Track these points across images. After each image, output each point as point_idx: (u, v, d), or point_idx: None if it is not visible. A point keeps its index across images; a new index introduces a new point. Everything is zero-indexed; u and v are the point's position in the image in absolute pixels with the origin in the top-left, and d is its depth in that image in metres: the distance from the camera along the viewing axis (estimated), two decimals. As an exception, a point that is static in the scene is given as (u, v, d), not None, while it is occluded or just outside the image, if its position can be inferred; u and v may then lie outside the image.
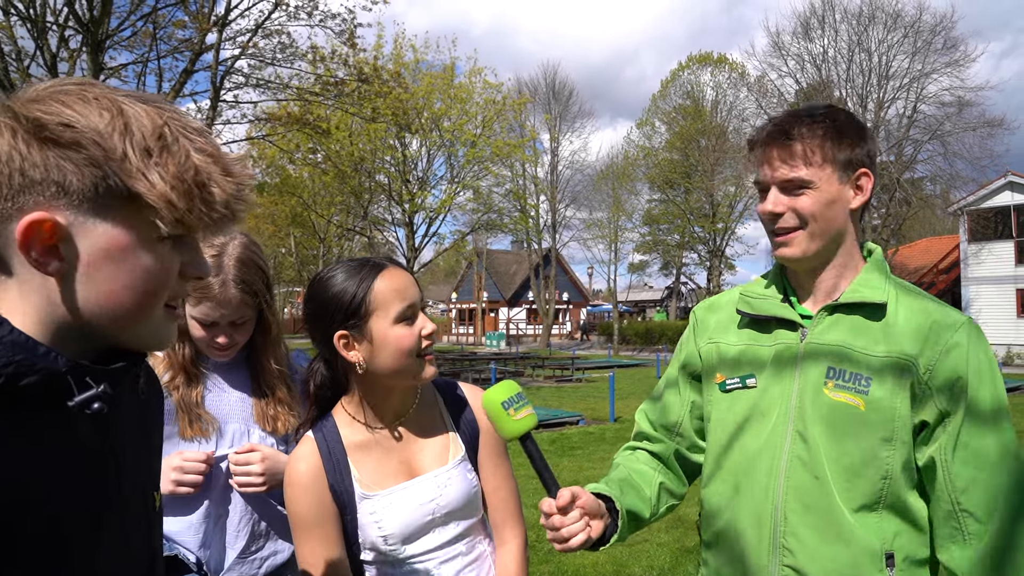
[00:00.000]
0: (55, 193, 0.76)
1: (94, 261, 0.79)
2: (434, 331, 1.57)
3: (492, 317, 54.45)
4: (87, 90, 0.80)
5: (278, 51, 14.96)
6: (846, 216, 1.46)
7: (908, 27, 29.62)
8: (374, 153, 26.74)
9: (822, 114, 1.45)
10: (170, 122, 0.81)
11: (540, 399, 16.11)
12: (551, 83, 43.28)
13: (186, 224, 0.82)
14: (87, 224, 0.78)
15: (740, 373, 1.54)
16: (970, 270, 28.69)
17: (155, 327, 0.87)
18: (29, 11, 12.28)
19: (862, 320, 1.44)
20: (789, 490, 1.43)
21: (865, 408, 1.38)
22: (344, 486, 1.54)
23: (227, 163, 0.85)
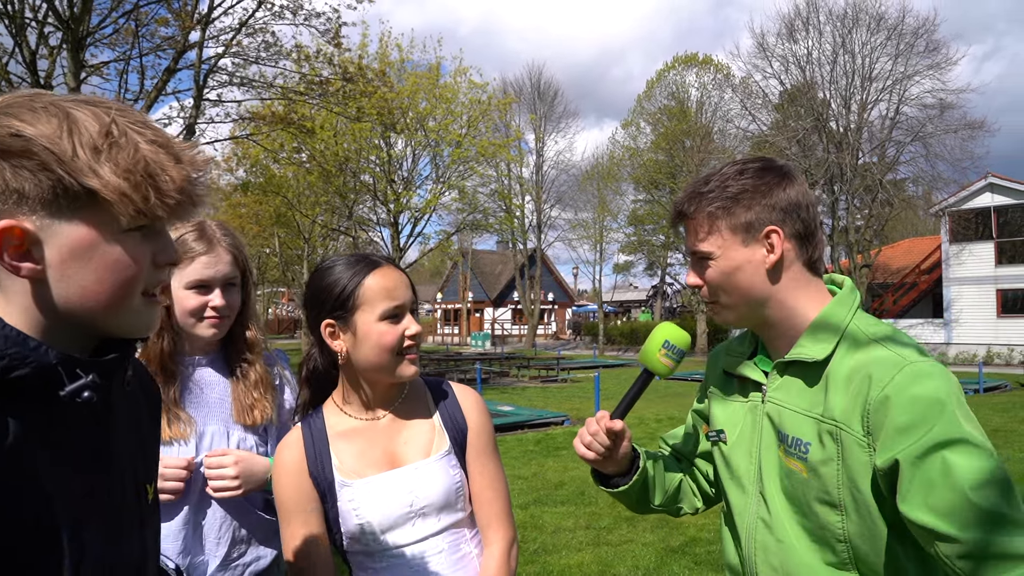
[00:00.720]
0: (17, 201, 0.81)
1: (65, 260, 0.84)
2: (418, 332, 1.61)
3: (477, 317, 54.40)
4: (35, 100, 0.84)
5: (262, 50, 14.86)
6: (762, 278, 1.42)
7: (891, 30, 29.88)
8: (359, 153, 26.62)
9: (714, 183, 1.44)
10: (117, 119, 0.85)
11: (525, 399, 16.11)
12: (536, 83, 43.35)
13: (145, 213, 0.85)
14: (53, 226, 0.83)
15: (717, 427, 1.59)
16: (952, 271, 29.01)
17: (135, 315, 0.91)
18: (7, 7, 12.11)
19: (804, 380, 1.39)
20: (757, 550, 1.46)
21: (807, 475, 1.35)
22: (324, 473, 1.58)
23: (177, 151, 0.88)
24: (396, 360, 1.58)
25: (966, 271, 28.63)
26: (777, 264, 1.42)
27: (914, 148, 30.13)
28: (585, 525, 6.30)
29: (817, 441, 1.34)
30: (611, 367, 26.11)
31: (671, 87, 42.55)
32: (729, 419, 1.56)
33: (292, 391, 2.08)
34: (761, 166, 1.45)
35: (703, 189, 1.45)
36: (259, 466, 1.85)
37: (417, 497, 1.57)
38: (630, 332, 40.83)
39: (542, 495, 7.39)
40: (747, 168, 1.45)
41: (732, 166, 1.47)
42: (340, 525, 1.57)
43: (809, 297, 1.44)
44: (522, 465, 9.01)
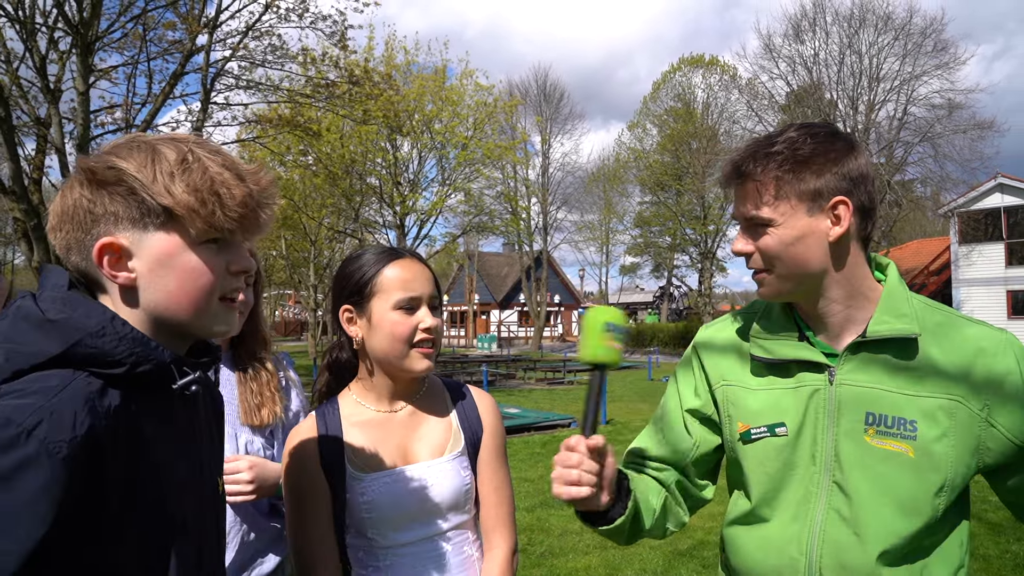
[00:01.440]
0: (114, 221, 1.00)
1: (152, 269, 1.02)
2: (434, 326, 1.59)
3: (483, 319, 54.41)
4: (133, 141, 1.04)
5: (269, 53, 14.88)
6: (823, 251, 1.33)
7: (898, 30, 29.79)
8: (365, 155, 26.66)
9: (783, 143, 1.33)
10: (192, 148, 1.03)
11: (532, 401, 16.09)
12: (542, 85, 43.38)
13: (214, 226, 1.02)
14: (141, 239, 1.01)
15: (766, 422, 1.41)
16: (961, 272, 28.86)
17: (214, 317, 1.06)
18: (17, 12, 12.18)
19: (895, 357, 1.32)
20: (825, 546, 1.32)
21: (915, 455, 1.27)
22: (336, 465, 1.57)
23: (241, 171, 1.05)
24: (407, 351, 1.57)
25: (976, 272, 28.48)
26: (842, 238, 1.33)
27: (922, 149, 30.05)
28: (592, 528, 6.30)
29: (926, 418, 1.28)
30: (618, 369, 26.06)
31: (677, 89, 42.55)
32: (780, 409, 1.40)
33: (298, 394, 2.08)
34: (830, 131, 1.36)
35: (770, 149, 1.33)
36: (272, 472, 1.85)
37: (428, 495, 1.56)
38: (636, 334, 40.74)
39: (548, 498, 7.37)
40: (817, 132, 1.34)
41: (798, 129, 1.35)
42: (347, 517, 1.56)
43: (866, 275, 1.38)
44: (528, 467, 8.99)
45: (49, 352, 0.93)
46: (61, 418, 0.87)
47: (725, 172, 1.41)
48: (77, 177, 1.02)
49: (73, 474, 0.86)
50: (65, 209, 1.02)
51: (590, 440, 1.25)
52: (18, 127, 12.60)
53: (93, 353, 0.94)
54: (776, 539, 1.39)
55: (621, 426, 12.29)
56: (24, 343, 0.93)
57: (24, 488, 0.83)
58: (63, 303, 0.97)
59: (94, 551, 0.91)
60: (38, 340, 0.93)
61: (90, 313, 0.97)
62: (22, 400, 0.86)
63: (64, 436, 0.86)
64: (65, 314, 0.95)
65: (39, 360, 0.92)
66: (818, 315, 1.40)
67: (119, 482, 0.93)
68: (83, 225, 1.01)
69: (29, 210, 11.59)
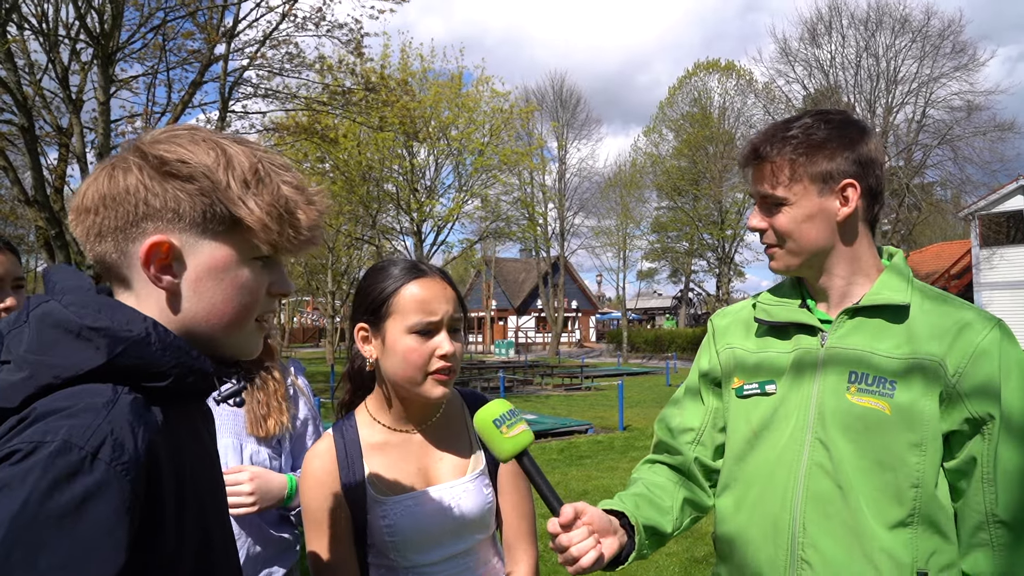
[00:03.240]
0: (171, 219, 0.90)
1: (200, 277, 0.93)
2: (451, 353, 1.49)
3: (501, 325, 54.39)
4: (195, 133, 0.95)
5: (286, 61, 15.03)
6: (831, 229, 1.43)
7: (916, 32, 29.53)
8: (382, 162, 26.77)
9: (798, 127, 1.43)
10: (263, 159, 0.96)
11: (549, 407, 16.05)
12: (558, 91, 43.42)
13: (276, 246, 0.95)
14: (196, 245, 0.92)
15: (759, 379, 1.50)
16: (982, 275, 28.47)
17: (247, 337, 1.00)
18: (41, 25, 12.39)
19: (884, 323, 1.41)
20: (808, 499, 1.38)
21: (891, 412, 1.34)
22: (356, 487, 1.51)
23: (310, 194, 0.99)
24: (422, 379, 1.48)
25: (998, 276, 28.08)
26: (848, 218, 1.43)
27: (941, 151, 29.73)
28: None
29: (905, 378, 1.34)
30: (635, 375, 25.95)
31: (693, 93, 42.42)
32: (772, 368, 1.50)
33: (306, 402, 2.07)
34: (844, 118, 1.46)
35: (786, 133, 1.43)
36: (275, 483, 1.83)
37: (451, 516, 1.53)
38: (654, 340, 40.56)
39: (565, 504, 7.36)
40: (830, 118, 1.44)
41: (813, 115, 1.45)
42: (368, 539, 1.52)
43: (872, 254, 1.48)
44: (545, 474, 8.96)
45: (90, 364, 0.83)
46: (123, 436, 0.79)
47: (744, 153, 1.50)
48: (137, 161, 0.91)
49: (138, 497, 0.79)
50: (113, 192, 0.90)
51: (560, 517, 1.26)
52: (41, 137, 12.80)
53: (137, 364, 0.86)
54: (762, 496, 1.45)
55: (639, 432, 12.23)
56: (56, 354, 0.83)
57: (97, 517, 0.74)
58: (98, 308, 0.87)
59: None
60: (75, 350, 0.84)
61: (131, 320, 0.87)
62: (74, 420, 0.77)
63: (129, 456, 0.79)
64: (106, 321, 0.86)
65: (75, 373, 0.83)
66: (820, 288, 1.50)
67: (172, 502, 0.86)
68: (131, 214, 0.89)
69: (51, 219, 11.75)
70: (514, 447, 1.30)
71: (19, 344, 0.85)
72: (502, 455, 1.31)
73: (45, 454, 0.73)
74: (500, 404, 1.35)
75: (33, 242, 19.74)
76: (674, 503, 1.56)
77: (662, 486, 1.59)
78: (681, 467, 1.63)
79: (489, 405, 1.35)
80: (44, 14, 12.47)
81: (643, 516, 1.47)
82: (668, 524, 1.52)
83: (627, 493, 1.55)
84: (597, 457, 10.11)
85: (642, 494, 1.55)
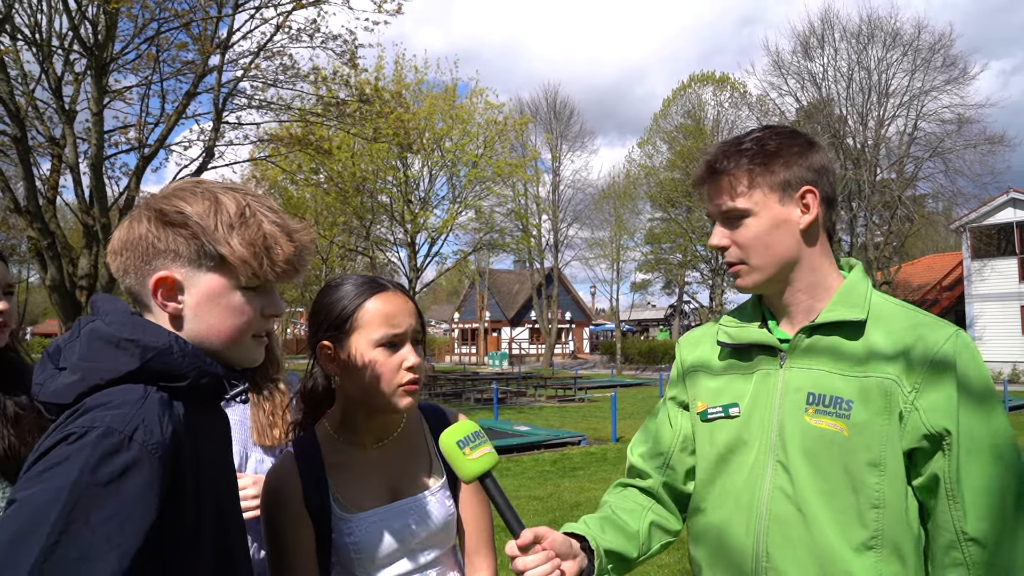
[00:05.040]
0: (173, 257, 1.12)
1: (199, 303, 1.14)
2: (417, 365, 1.51)
3: (494, 337, 54.36)
4: (197, 186, 1.16)
5: (280, 72, 15.03)
6: (795, 238, 1.42)
7: (907, 45, 29.82)
8: (376, 173, 26.83)
9: (751, 141, 1.43)
10: (251, 203, 1.15)
11: (542, 419, 16.03)
12: (552, 103, 43.60)
13: (259, 277, 1.14)
14: (194, 277, 1.13)
15: (722, 402, 1.49)
16: (974, 287, 28.63)
17: (246, 350, 1.19)
18: (35, 36, 12.39)
19: (841, 340, 1.38)
20: (771, 523, 1.37)
21: (848, 433, 1.32)
22: (321, 506, 1.50)
23: (290, 230, 1.17)
24: (390, 391, 1.49)
25: (989, 288, 28.23)
26: (811, 226, 1.42)
27: (933, 164, 29.97)
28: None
29: (862, 398, 1.32)
30: (629, 386, 25.95)
31: (687, 106, 42.62)
32: (736, 391, 1.48)
33: None
34: (792, 130, 1.48)
35: (740, 147, 1.43)
36: None
37: (416, 531, 1.54)
38: (648, 351, 40.58)
39: (558, 516, 7.33)
40: (780, 131, 1.46)
41: (761, 130, 1.47)
42: (332, 556, 1.52)
43: (832, 265, 1.48)
44: (538, 485, 8.94)
45: (126, 368, 1.05)
46: (152, 424, 1.01)
47: (698, 173, 1.49)
48: (146, 213, 1.14)
49: (165, 471, 1.00)
50: (130, 239, 1.13)
51: (519, 540, 1.27)
52: (34, 147, 12.78)
53: (163, 368, 1.07)
54: (725, 520, 1.45)
55: (632, 443, 12.21)
56: (101, 361, 1.06)
57: (133, 487, 0.96)
58: (132, 325, 1.10)
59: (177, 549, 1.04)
60: (115, 358, 1.06)
61: (158, 334, 1.09)
62: (115, 411, 0.99)
63: (157, 439, 1.00)
64: (138, 334, 1.08)
65: (115, 376, 1.05)
66: (783, 305, 1.48)
67: (192, 480, 1.07)
68: (144, 256, 1.12)
69: (43, 229, 11.72)
70: (478, 469, 1.31)
71: (73, 354, 1.08)
72: (465, 477, 1.33)
73: (94, 436, 0.96)
74: (465, 426, 1.35)
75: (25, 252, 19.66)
76: (640, 527, 1.54)
77: (630, 510, 1.57)
78: (651, 491, 1.62)
79: (455, 427, 1.35)
80: (37, 24, 12.48)
81: (607, 540, 1.45)
82: (633, 549, 1.50)
83: (593, 517, 1.53)
84: (590, 469, 10.09)
85: (608, 517, 1.53)
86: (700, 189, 1.50)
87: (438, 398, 20.59)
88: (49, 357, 1.11)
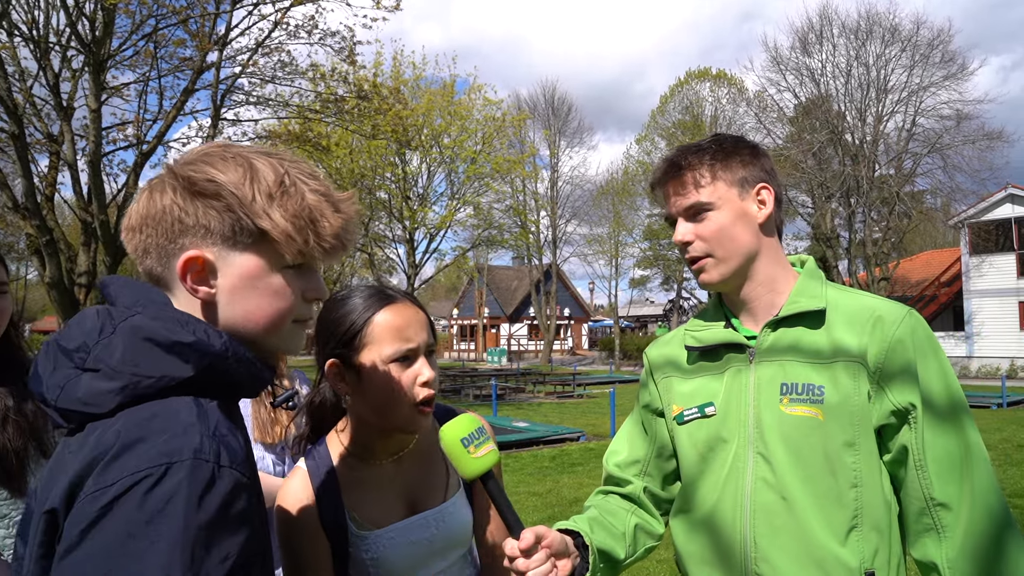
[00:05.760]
0: (203, 234, 0.97)
1: (235, 286, 0.99)
2: (432, 379, 1.44)
3: (493, 333, 54.38)
4: (227, 151, 1.01)
5: (278, 69, 15.02)
6: (755, 232, 1.49)
7: (905, 41, 29.80)
8: (374, 170, 26.82)
9: (709, 142, 1.52)
10: (289, 170, 1.00)
11: (541, 415, 16.05)
12: (550, 99, 43.51)
13: (305, 254, 1.00)
14: (228, 257, 0.98)
15: (697, 403, 1.53)
16: (972, 283, 28.66)
17: (287, 336, 1.05)
18: (32, 32, 12.35)
19: (805, 330, 1.45)
20: (756, 513, 1.41)
21: (824, 417, 1.38)
22: (338, 524, 1.45)
23: (336, 201, 1.03)
24: (405, 410, 1.42)
25: (987, 283, 28.27)
26: (768, 220, 1.50)
27: (931, 160, 29.97)
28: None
29: (832, 382, 1.39)
30: (627, 382, 25.96)
31: (685, 102, 42.60)
32: (709, 391, 1.53)
33: None
34: (740, 137, 1.57)
35: (700, 147, 1.51)
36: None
37: (434, 542, 1.50)
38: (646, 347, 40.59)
39: (557, 512, 7.35)
40: (732, 137, 1.56)
41: (716, 136, 1.56)
42: (350, 571, 1.47)
43: (786, 261, 1.55)
44: (537, 481, 8.96)
45: (181, 376, 0.91)
46: (228, 441, 0.89)
47: (660, 172, 1.55)
48: (171, 182, 0.98)
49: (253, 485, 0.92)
50: (152, 212, 0.98)
51: (521, 543, 1.25)
52: (32, 144, 12.76)
53: (219, 377, 0.94)
54: (711, 515, 1.48)
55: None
56: (149, 366, 0.90)
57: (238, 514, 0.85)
58: (183, 323, 0.93)
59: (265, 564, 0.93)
60: (166, 363, 0.91)
61: (211, 335, 0.94)
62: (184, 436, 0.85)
63: (240, 457, 0.89)
64: (196, 336, 0.92)
65: (167, 384, 0.90)
66: (744, 301, 1.53)
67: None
68: (169, 232, 0.97)
69: (42, 226, 11.70)
70: (481, 468, 1.27)
71: (109, 355, 0.90)
72: (467, 475, 1.27)
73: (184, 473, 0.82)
74: (469, 421, 1.30)
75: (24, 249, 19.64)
76: (626, 529, 1.57)
77: (614, 512, 1.60)
78: (631, 496, 1.66)
79: (457, 421, 1.29)
80: (35, 21, 12.44)
81: (598, 539, 1.47)
82: (621, 550, 1.53)
83: (582, 516, 1.54)
84: (589, 464, 10.10)
85: (596, 518, 1.54)
86: (661, 189, 1.56)
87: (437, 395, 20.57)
88: (65, 353, 0.92)
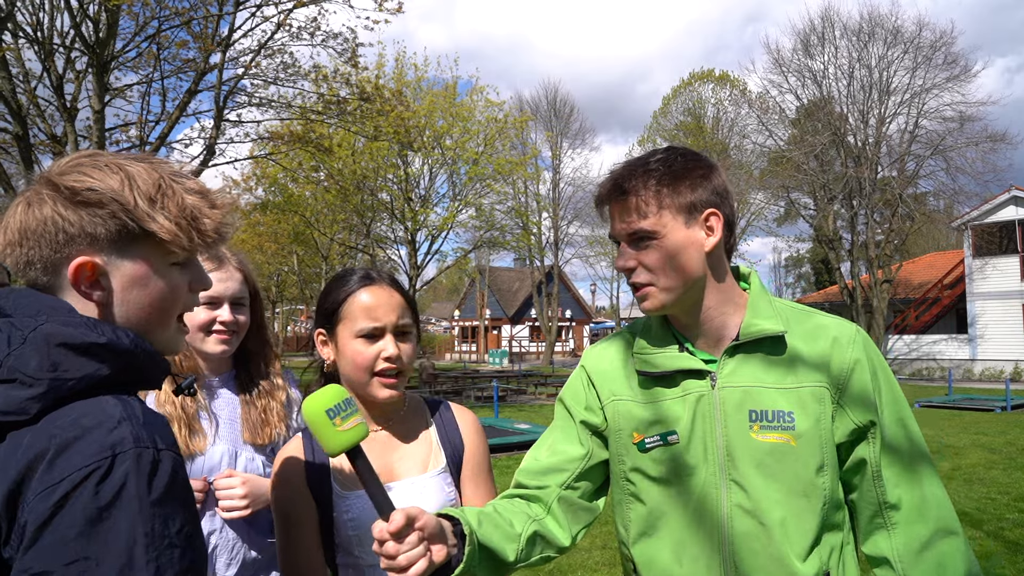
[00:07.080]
0: (90, 242, 1.00)
1: (125, 288, 1.03)
2: (395, 355, 1.57)
3: (495, 335, 54.39)
4: (97, 159, 1.04)
5: (281, 70, 15.06)
6: (701, 260, 1.43)
7: (908, 43, 29.75)
8: (376, 171, 26.83)
9: (657, 161, 1.43)
10: (164, 174, 1.06)
11: (543, 417, 16.04)
12: (552, 101, 43.55)
13: (188, 250, 1.07)
14: (116, 261, 1.02)
15: (658, 431, 1.47)
16: (975, 285, 28.61)
17: (171, 337, 1.11)
18: (36, 34, 12.40)
19: (767, 355, 1.44)
20: (735, 539, 1.40)
21: (796, 443, 1.40)
22: (322, 484, 1.58)
23: (212, 198, 1.10)
24: (369, 380, 1.58)
25: (990, 286, 28.22)
26: (715, 247, 1.44)
27: (934, 162, 29.91)
28: (601, 545, 6.25)
29: (800, 407, 1.41)
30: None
31: (687, 103, 42.61)
32: (670, 417, 1.46)
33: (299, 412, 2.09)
34: (693, 153, 1.49)
35: (647, 167, 1.43)
36: (265, 487, 1.86)
37: None
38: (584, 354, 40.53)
39: (559, 514, 7.34)
40: (684, 153, 1.47)
41: (665, 151, 1.47)
42: (335, 537, 1.57)
43: (733, 280, 1.52)
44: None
45: (100, 375, 0.94)
46: (162, 428, 0.96)
47: (604, 189, 1.48)
48: (49, 193, 1.00)
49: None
50: (31, 225, 0.99)
51: (391, 524, 1.18)
52: (35, 145, 12.79)
53: (132, 371, 0.99)
54: (687, 542, 1.44)
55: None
56: (67, 370, 0.92)
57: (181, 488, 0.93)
58: (91, 326, 0.96)
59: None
60: (86, 365, 0.93)
61: (120, 334, 0.98)
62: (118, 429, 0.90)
63: (171, 439, 0.96)
64: (107, 337, 0.96)
65: (87, 384, 0.93)
66: (695, 324, 1.49)
67: None
68: (54, 243, 0.99)
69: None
70: (346, 441, 1.23)
71: (24, 364, 0.92)
72: (332, 449, 1.23)
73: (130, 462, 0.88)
74: (336, 391, 1.28)
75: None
76: (523, 532, 1.44)
77: (516, 513, 1.48)
78: (543, 500, 1.53)
79: (322, 391, 1.27)
80: (39, 23, 12.48)
81: (483, 534, 1.35)
82: (511, 552, 1.40)
83: (471, 509, 1.42)
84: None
85: (489, 515, 1.43)
86: (604, 207, 1.49)
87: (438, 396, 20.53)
88: None
